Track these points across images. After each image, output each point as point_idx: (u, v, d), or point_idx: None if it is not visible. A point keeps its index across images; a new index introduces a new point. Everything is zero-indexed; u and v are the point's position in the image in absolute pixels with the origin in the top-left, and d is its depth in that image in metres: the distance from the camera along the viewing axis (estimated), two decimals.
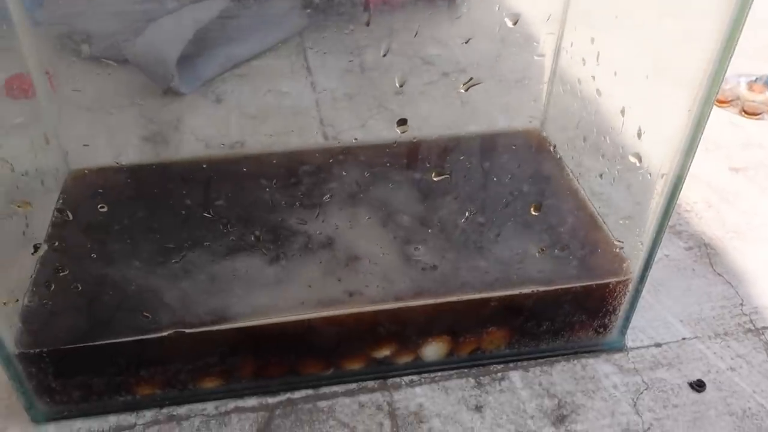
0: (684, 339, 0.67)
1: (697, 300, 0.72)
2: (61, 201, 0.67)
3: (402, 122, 0.57)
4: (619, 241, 0.63)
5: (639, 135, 0.57)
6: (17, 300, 0.56)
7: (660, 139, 0.55)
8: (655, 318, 0.69)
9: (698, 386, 0.63)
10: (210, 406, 0.61)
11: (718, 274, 0.75)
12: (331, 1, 0.53)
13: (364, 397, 0.62)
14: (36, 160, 0.65)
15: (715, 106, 1.02)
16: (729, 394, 0.62)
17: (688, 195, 0.85)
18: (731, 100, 1.03)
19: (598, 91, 0.64)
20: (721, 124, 0.98)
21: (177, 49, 0.91)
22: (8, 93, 0.63)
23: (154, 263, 0.60)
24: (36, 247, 0.58)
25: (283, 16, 0.95)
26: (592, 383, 0.63)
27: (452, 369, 0.64)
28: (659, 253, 0.76)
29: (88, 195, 0.68)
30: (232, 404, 0.61)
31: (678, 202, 0.83)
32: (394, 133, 0.65)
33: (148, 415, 0.60)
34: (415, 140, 0.67)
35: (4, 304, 0.54)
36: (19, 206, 0.56)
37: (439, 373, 0.64)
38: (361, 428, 0.59)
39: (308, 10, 0.67)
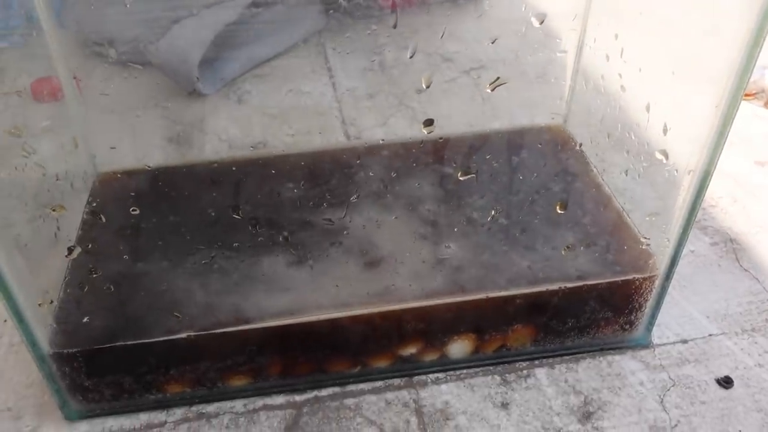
0: (710, 335, 0.67)
1: (724, 296, 0.71)
2: (90, 204, 0.68)
3: (429, 122, 0.58)
4: (645, 237, 0.62)
5: (665, 131, 0.57)
6: (51, 301, 0.57)
7: (686, 135, 0.54)
8: (681, 314, 0.69)
9: (726, 383, 0.62)
10: (239, 404, 0.61)
11: (745, 269, 0.74)
12: (355, 2, 0.53)
13: (390, 395, 0.62)
14: (66, 164, 0.66)
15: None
16: (757, 391, 0.62)
17: (712, 189, 0.84)
18: (756, 93, 1.02)
19: (622, 87, 0.64)
20: (745, 117, 0.97)
21: (199, 51, 0.92)
22: (38, 96, 0.64)
23: (183, 264, 0.61)
24: (70, 249, 0.59)
25: (302, 17, 0.96)
26: (618, 380, 0.63)
27: (478, 366, 0.64)
28: (685, 249, 0.75)
29: (116, 197, 0.69)
30: (260, 402, 0.62)
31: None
32: (417, 132, 0.66)
33: (178, 412, 0.61)
34: (440, 139, 0.68)
35: (39, 305, 0.55)
36: (54, 210, 0.57)
37: (465, 371, 0.64)
38: (388, 425, 0.59)
39: (331, 11, 0.67)
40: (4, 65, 0.64)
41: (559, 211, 0.65)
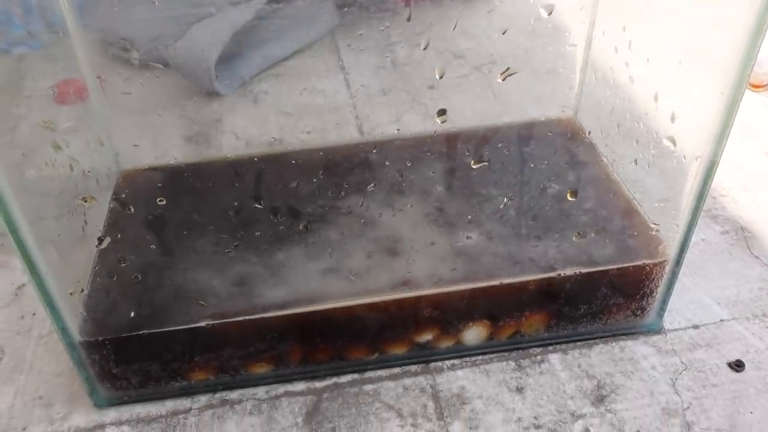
0: (722, 320, 0.68)
1: (735, 282, 0.72)
2: (115, 198, 0.70)
3: (442, 112, 0.59)
4: (654, 224, 0.64)
5: (672, 119, 0.58)
6: (82, 290, 0.59)
7: (694, 122, 0.56)
8: (692, 300, 0.70)
9: (737, 366, 0.63)
10: (261, 391, 0.63)
11: (756, 256, 0.75)
12: None
13: (407, 381, 0.64)
14: (91, 161, 0.69)
15: (749, 90, 1.02)
16: None
17: (723, 179, 0.86)
18: (766, 84, 1.02)
19: (630, 78, 0.65)
20: (755, 108, 0.98)
21: (216, 51, 0.94)
22: (64, 97, 0.67)
23: (206, 254, 0.63)
24: (100, 239, 0.61)
25: (316, 16, 0.98)
26: (631, 364, 0.64)
27: (493, 352, 0.65)
28: (696, 238, 0.77)
29: (139, 192, 0.72)
30: (281, 389, 0.64)
31: (713, 186, 0.84)
32: (430, 127, 0.67)
33: (203, 399, 0.63)
34: (453, 131, 0.69)
35: (71, 294, 0.57)
36: (84, 200, 0.60)
37: (480, 357, 0.65)
38: (406, 410, 0.61)
39: (345, 9, 0.69)
40: (28, 69, 0.67)
41: (571, 200, 0.67)
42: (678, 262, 0.62)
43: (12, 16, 0.70)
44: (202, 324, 0.58)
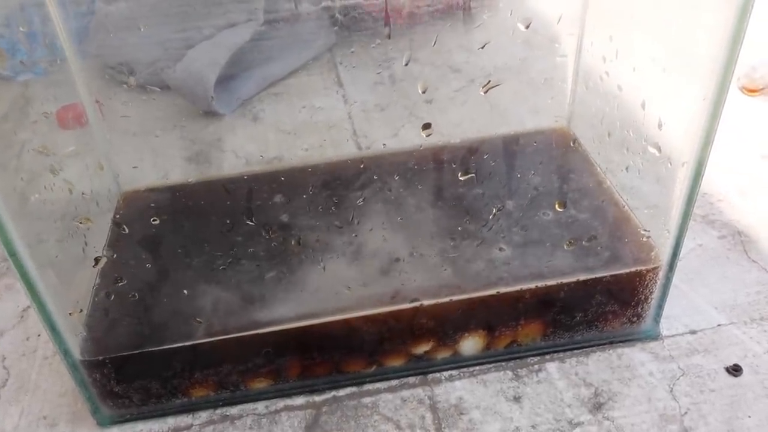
0: (719, 325, 0.68)
1: (732, 287, 0.72)
2: (115, 219, 0.72)
3: (426, 126, 0.60)
4: (645, 230, 0.64)
5: (659, 126, 0.59)
6: (81, 310, 0.60)
7: (679, 129, 0.56)
8: (689, 306, 0.70)
9: (735, 370, 0.63)
10: (261, 406, 0.64)
11: (753, 260, 0.75)
12: (355, 18, 0.56)
13: (405, 392, 0.64)
14: (91, 184, 0.70)
15: (745, 95, 1.03)
16: (766, 377, 0.63)
17: (719, 184, 0.86)
18: (762, 88, 1.03)
19: (618, 87, 0.66)
20: (751, 112, 0.98)
21: (214, 72, 0.96)
22: (64, 122, 0.68)
23: (203, 272, 0.65)
24: (97, 260, 0.62)
25: (312, 35, 0.99)
26: (628, 371, 0.64)
27: (490, 362, 0.66)
28: (693, 243, 0.78)
29: (139, 214, 0.73)
30: (281, 403, 0.64)
31: (710, 191, 0.85)
32: (427, 140, 0.68)
33: (204, 415, 0.64)
34: (444, 144, 0.70)
35: (70, 314, 0.58)
36: (81, 222, 0.61)
37: (477, 367, 0.66)
38: (404, 422, 0.62)
39: (336, 28, 0.71)
40: (32, 95, 0.68)
41: (564, 209, 0.67)
42: (671, 268, 0.62)
43: (17, 43, 0.72)
44: (200, 341, 0.59)
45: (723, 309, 0.70)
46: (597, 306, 0.64)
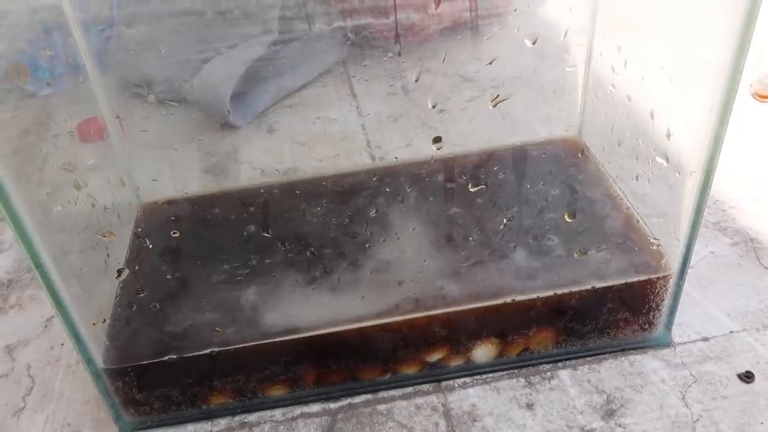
0: (731, 332, 0.69)
1: (745, 294, 0.73)
2: (136, 231, 0.74)
3: (437, 140, 0.62)
4: (655, 238, 0.65)
5: (668, 136, 0.60)
6: (104, 320, 0.62)
7: (687, 138, 0.57)
8: (701, 313, 0.71)
9: (747, 377, 0.64)
10: (278, 413, 0.65)
11: (765, 267, 0.75)
12: (366, 37, 0.58)
13: (420, 400, 0.65)
14: (112, 197, 0.72)
15: (757, 101, 1.03)
16: None
17: (731, 191, 0.86)
18: None
19: (628, 96, 0.67)
20: (763, 119, 0.98)
21: (230, 86, 0.98)
22: (85, 136, 0.70)
23: (222, 282, 0.66)
24: (119, 271, 0.64)
25: (324, 49, 1.01)
26: (640, 378, 0.65)
27: (503, 370, 0.67)
28: (705, 250, 0.78)
29: (159, 225, 0.75)
30: (298, 410, 0.66)
31: (722, 198, 0.85)
32: (440, 151, 0.70)
33: (222, 422, 0.65)
34: (464, 154, 0.71)
35: (94, 324, 0.60)
36: (104, 236, 0.63)
37: (491, 375, 0.67)
38: (418, 428, 0.63)
39: (348, 43, 0.72)
40: (53, 110, 0.71)
41: (570, 219, 0.68)
42: (682, 276, 0.63)
43: (40, 60, 0.74)
44: (220, 349, 0.61)
45: (735, 316, 0.70)
46: (608, 314, 0.64)
